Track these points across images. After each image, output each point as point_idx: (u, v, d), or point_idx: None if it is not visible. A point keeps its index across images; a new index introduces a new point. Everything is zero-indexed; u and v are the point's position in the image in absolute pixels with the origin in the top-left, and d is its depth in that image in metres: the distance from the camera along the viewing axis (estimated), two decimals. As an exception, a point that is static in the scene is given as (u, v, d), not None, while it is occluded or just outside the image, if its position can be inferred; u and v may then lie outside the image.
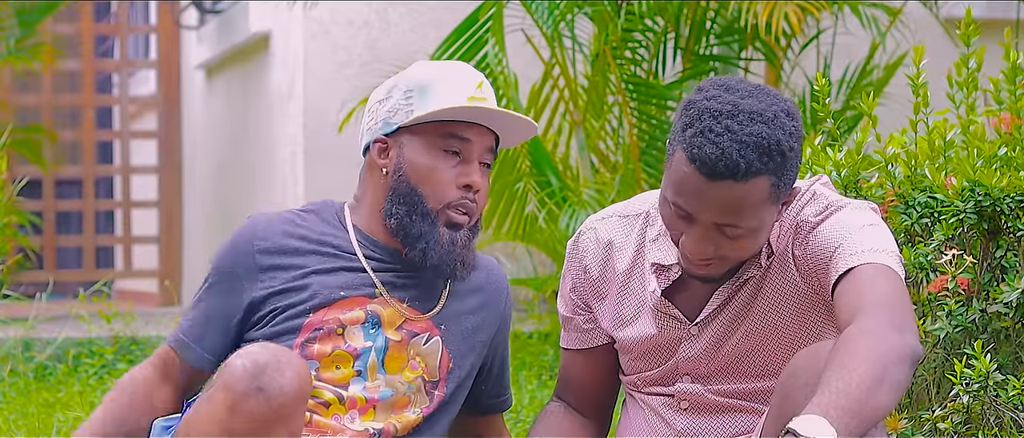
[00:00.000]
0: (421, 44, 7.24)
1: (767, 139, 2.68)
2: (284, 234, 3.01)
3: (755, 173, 2.68)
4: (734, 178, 2.67)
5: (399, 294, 3.01)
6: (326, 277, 2.98)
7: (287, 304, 2.97)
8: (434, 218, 2.96)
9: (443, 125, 2.97)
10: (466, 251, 2.99)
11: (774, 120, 2.70)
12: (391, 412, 2.97)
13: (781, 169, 2.71)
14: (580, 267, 3.02)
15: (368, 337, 2.97)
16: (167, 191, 9.42)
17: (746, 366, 2.91)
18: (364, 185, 3.06)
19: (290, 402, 2.68)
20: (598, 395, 3.08)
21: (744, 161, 2.66)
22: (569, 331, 3.07)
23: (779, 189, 2.73)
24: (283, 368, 2.68)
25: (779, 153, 2.69)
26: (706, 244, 2.75)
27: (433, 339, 3.02)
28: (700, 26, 6.10)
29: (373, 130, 3.03)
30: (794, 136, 2.73)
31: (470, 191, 2.98)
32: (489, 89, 3.03)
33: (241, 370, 2.67)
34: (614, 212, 3.02)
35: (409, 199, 2.97)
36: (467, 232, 2.99)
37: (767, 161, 2.68)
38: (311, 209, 3.08)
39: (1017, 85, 3.53)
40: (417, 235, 2.96)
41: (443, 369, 3.02)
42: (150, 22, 10.12)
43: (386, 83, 3.06)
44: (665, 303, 2.91)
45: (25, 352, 6.14)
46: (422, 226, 2.96)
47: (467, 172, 2.98)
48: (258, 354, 2.69)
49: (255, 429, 2.67)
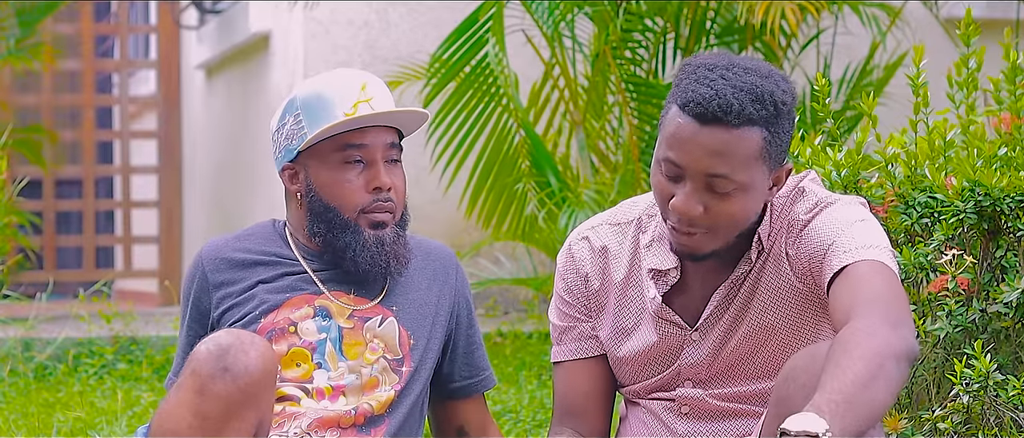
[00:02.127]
0: (421, 44, 7.24)
1: (761, 88, 2.69)
2: (230, 250, 3.14)
3: (748, 120, 2.68)
4: (727, 120, 2.67)
5: (343, 288, 3.09)
6: (271, 283, 3.09)
7: (240, 315, 3.07)
8: (355, 226, 3.05)
9: (337, 138, 3.05)
10: (396, 246, 3.06)
11: (769, 76, 2.73)
12: (362, 394, 3.03)
13: (774, 124, 2.70)
14: (578, 277, 2.98)
15: (321, 329, 3.05)
16: (167, 191, 9.42)
17: (745, 368, 2.90)
18: (288, 210, 3.17)
19: (256, 381, 2.76)
20: (600, 411, 3.00)
21: (738, 102, 2.67)
22: (566, 342, 3.01)
23: (771, 148, 2.71)
24: (247, 348, 2.77)
25: (772, 104, 2.69)
26: (695, 202, 2.72)
27: (387, 320, 3.09)
28: (700, 26, 6.10)
29: (278, 159, 3.13)
30: (788, 95, 2.73)
31: (381, 192, 3.05)
32: (376, 87, 3.08)
33: (206, 353, 2.76)
34: (603, 221, 3.00)
35: (326, 217, 3.06)
36: (394, 229, 3.07)
37: (759, 109, 2.68)
38: (255, 229, 3.20)
39: (1017, 85, 3.53)
40: (343, 247, 3.05)
41: (404, 346, 3.08)
42: (150, 22, 10.12)
43: (279, 109, 3.14)
44: (666, 310, 2.90)
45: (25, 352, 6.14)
46: (345, 237, 3.05)
47: (374, 176, 3.05)
48: (222, 337, 2.79)
49: (224, 410, 2.74)
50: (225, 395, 2.74)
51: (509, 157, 6.07)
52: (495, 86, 5.99)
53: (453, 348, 3.19)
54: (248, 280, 3.10)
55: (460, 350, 3.20)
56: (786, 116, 2.73)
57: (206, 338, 2.82)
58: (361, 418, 3.01)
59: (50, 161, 9.17)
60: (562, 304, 3.01)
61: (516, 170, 6.08)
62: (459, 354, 3.20)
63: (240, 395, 2.75)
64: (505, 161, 6.07)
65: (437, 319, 3.14)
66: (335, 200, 3.05)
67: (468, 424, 3.23)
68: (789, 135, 2.76)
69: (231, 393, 2.74)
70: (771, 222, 2.84)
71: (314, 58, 7.38)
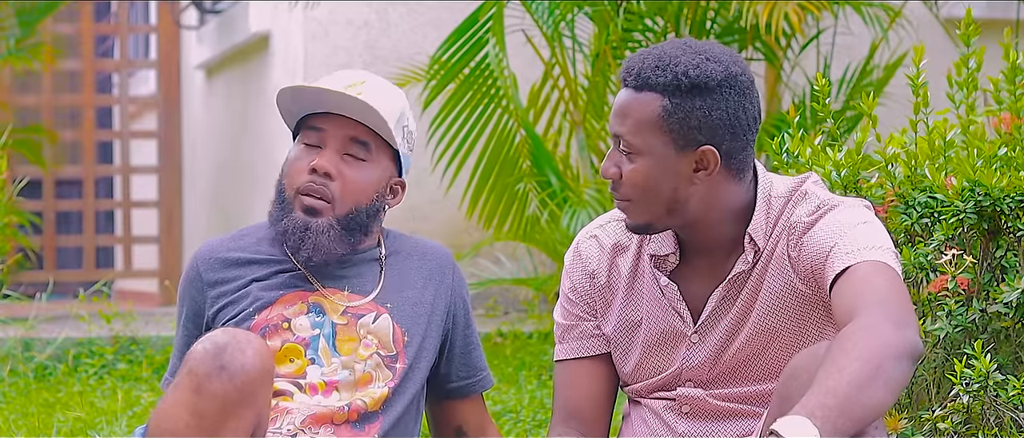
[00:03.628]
0: (421, 44, 7.24)
1: (671, 58, 2.76)
2: (225, 250, 3.15)
3: (646, 84, 2.76)
4: (629, 82, 2.78)
5: (336, 285, 3.10)
6: (265, 281, 3.10)
7: (235, 312, 3.08)
8: (290, 205, 3.07)
9: (307, 118, 3.10)
10: (323, 237, 3.05)
11: (699, 53, 2.77)
12: (355, 390, 3.03)
13: (675, 95, 2.75)
14: (584, 274, 2.99)
15: (315, 325, 3.06)
16: (167, 191, 9.42)
17: (748, 371, 2.90)
18: None
19: (253, 379, 2.76)
20: (600, 412, 3.00)
21: (640, 66, 2.77)
22: (568, 340, 3.01)
23: (671, 120, 2.75)
24: (243, 347, 2.77)
25: (675, 75, 2.75)
26: (611, 162, 2.81)
27: (381, 316, 3.09)
28: (700, 26, 6.10)
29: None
30: (704, 74, 2.75)
31: (317, 174, 3.05)
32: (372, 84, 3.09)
33: (202, 352, 2.76)
34: (610, 218, 3.01)
35: (279, 194, 3.11)
36: (329, 221, 3.05)
37: (659, 75, 2.75)
38: (250, 229, 3.21)
39: (1017, 85, 3.52)
40: (276, 220, 3.09)
41: (399, 342, 3.09)
42: (150, 22, 10.12)
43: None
44: (677, 295, 2.89)
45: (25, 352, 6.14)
46: (280, 213, 3.09)
47: (314, 158, 3.06)
48: (218, 336, 2.79)
49: (221, 409, 2.74)
50: (222, 394, 2.74)
51: (510, 157, 6.07)
52: (495, 87, 5.99)
53: (450, 348, 3.19)
54: (242, 278, 3.10)
55: (457, 350, 3.20)
56: (695, 92, 2.75)
57: (202, 337, 2.82)
58: (354, 414, 3.01)
59: (50, 161, 9.17)
60: (567, 303, 3.01)
61: (517, 170, 6.08)
62: (456, 354, 3.20)
63: (237, 394, 2.75)
64: (506, 161, 6.07)
65: (433, 318, 3.14)
66: (285, 177, 3.10)
67: (466, 424, 3.23)
68: (703, 115, 2.75)
69: (228, 392, 2.74)
70: (767, 222, 2.84)
71: (314, 58, 7.37)
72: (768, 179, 2.88)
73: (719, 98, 2.76)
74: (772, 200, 2.85)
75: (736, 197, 2.84)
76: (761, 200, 2.85)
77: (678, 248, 2.89)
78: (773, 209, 2.85)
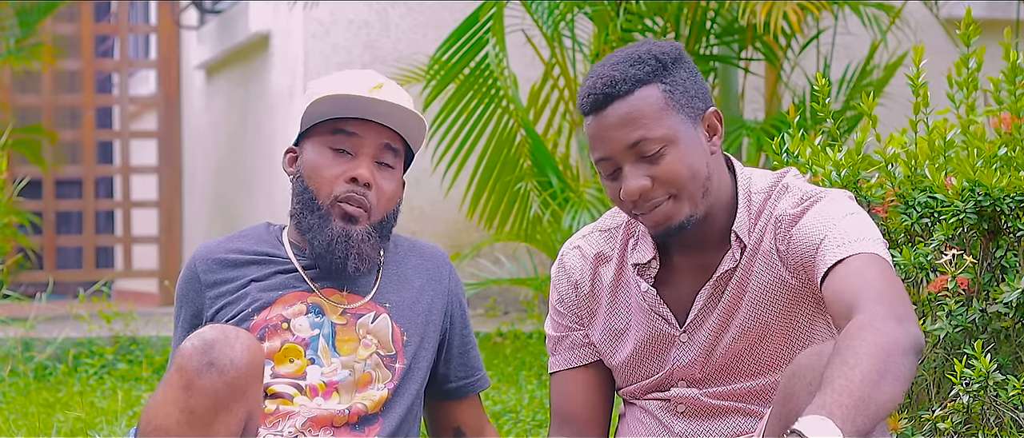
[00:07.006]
0: (421, 44, 7.24)
1: (635, 52, 2.80)
2: (223, 251, 3.15)
3: (636, 81, 2.77)
4: (617, 94, 2.76)
5: (334, 285, 3.10)
6: (264, 282, 3.10)
7: (234, 313, 3.07)
8: (326, 213, 3.05)
9: (331, 123, 3.08)
10: (364, 246, 3.05)
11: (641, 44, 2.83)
12: (355, 392, 3.03)
13: (665, 75, 2.78)
14: (569, 285, 3.00)
15: (314, 325, 3.06)
16: (167, 191, 9.43)
17: (740, 367, 2.90)
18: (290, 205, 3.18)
19: (243, 374, 2.76)
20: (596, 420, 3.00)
21: (618, 72, 2.77)
22: (561, 352, 3.02)
23: (675, 96, 2.78)
24: (232, 342, 2.76)
25: (653, 59, 2.78)
26: (637, 177, 2.77)
27: (380, 316, 3.10)
28: (700, 26, 6.10)
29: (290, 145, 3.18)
30: (669, 48, 2.80)
31: (357, 184, 3.05)
32: (392, 92, 3.08)
33: (191, 349, 2.76)
34: (593, 228, 3.02)
35: (303, 197, 3.08)
36: (367, 229, 3.06)
37: (641, 67, 2.77)
38: (248, 231, 3.21)
39: (1017, 85, 3.52)
40: (308, 228, 3.07)
41: (398, 342, 3.09)
42: (150, 22, 10.13)
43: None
44: (658, 301, 2.90)
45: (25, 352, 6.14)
46: (312, 219, 3.06)
47: (354, 166, 3.05)
48: (206, 332, 2.79)
49: (212, 404, 2.74)
50: (212, 390, 2.73)
51: (510, 157, 6.07)
52: (495, 87, 5.99)
53: (448, 349, 3.20)
54: (241, 279, 3.10)
55: (455, 351, 3.21)
56: (675, 66, 2.80)
57: (191, 334, 2.81)
58: (355, 417, 3.01)
59: (50, 161, 9.17)
60: (556, 314, 3.03)
61: (518, 170, 6.09)
62: (454, 355, 3.21)
63: (227, 389, 2.74)
64: (506, 162, 6.07)
65: (431, 319, 3.15)
66: (313, 183, 3.07)
67: (464, 425, 3.23)
68: (692, 83, 2.82)
69: (218, 387, 2.74)
70: (749, 218, 2.85)
71: (314, 58, 7.38)
72: (746, 174, 2.90)
73: (687, 66, 2.83)
74: (752, 195, 2.86)
75: (725, 183, 2.86)
76: (742, 196, 2.86)
77: (658, 253, 2.90)
78: (754, 204, 2.86)
